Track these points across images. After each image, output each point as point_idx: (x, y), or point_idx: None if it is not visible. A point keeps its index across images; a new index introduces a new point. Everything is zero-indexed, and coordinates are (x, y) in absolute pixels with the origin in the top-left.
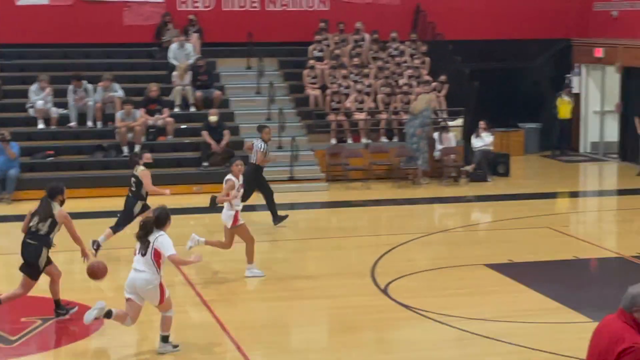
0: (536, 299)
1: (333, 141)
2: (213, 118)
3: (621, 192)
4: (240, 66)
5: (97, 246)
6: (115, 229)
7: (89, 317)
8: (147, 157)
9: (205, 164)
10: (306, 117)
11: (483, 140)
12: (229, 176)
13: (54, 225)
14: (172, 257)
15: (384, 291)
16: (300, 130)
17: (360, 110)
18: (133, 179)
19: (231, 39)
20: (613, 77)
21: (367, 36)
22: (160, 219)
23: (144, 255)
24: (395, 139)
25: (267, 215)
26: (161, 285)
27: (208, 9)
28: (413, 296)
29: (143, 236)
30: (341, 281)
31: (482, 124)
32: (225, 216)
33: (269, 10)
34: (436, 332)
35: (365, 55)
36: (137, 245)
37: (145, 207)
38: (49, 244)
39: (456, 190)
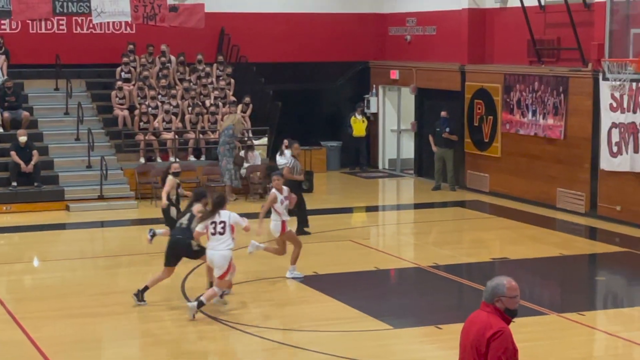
0: (340, 308)
1: (142, 160)
2: (22, 139)
3: (417, 206)
4: (48, 87)
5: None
6: None
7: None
8: (175, 167)
9: (14, 183)
10: (115, 137)
11: (286, 158)
12: (272, 190)
13: None
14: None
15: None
16: (110, 149)
17: (168, 130)
18: None
19: (39, 61)
20: (408, 98)
21: (173, 58)
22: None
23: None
24: (203, 158)
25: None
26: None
27: (15, 31)
28: (223, 309)
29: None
30: (152, 297)
31: (285, 142)
32: (273, 226)
33: (76, 32)
34: (245, 343)
35: (173, 76)
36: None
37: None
38: None
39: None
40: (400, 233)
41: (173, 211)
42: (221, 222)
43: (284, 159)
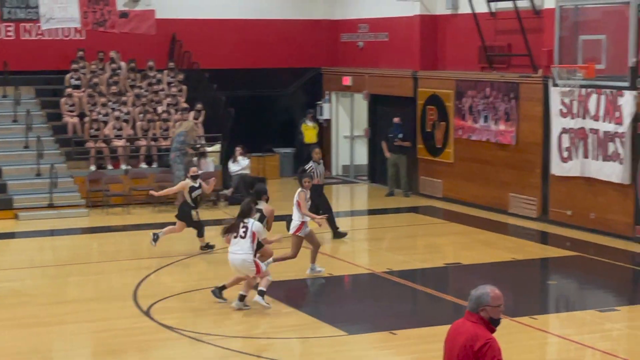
0: (294, 315)
1: (93, 168)
2: None
3: (371, 212)
4: None
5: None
6: None
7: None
8: (194, 170)
9: None
10: (65, 145)
11: (240, 165)
12: (300, 189)
13: None
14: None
15: (147, 313)
16: (59, 157)
17: (119, 137)
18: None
19: None
20: (361, 104)
21: (124, 65)
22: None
23: (243, 237)
24: (155, 165)
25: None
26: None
27: None
28: (175, 317)
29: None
30: (103, 305)
31: (238, 149)
32: (292, 224)
33: (24, 39)
34: (199, 351)
35: (123, 83)
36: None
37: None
38: None
39: (215, 214)
40: (354, 239)
41: (194, 214)
42: (244, 225)
43: (236, 166)
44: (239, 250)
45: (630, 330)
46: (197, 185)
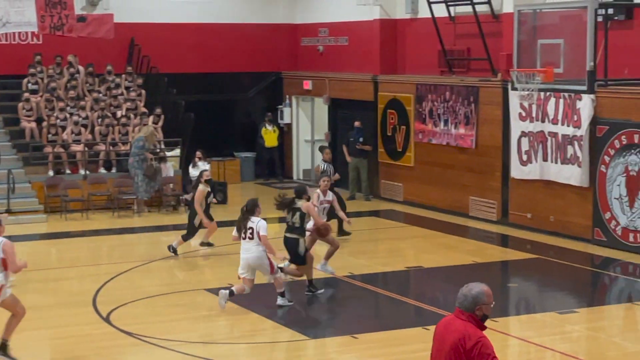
0: (255, 320)
1: (51, 173)
2: None
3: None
4: None
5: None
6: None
7: (221, 303)
8: (206, 174)
9: None
10: (22, 150)
11: (200, 170)
12: (317, 191)
13: None
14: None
15: (107, 319)
16: (17, 162)
17: (77, 142)
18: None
19: None
20: (321, 108)
21: (82, 69)
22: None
23: (251, 238)
24: (114, 170)
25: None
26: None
27: None
28: (136, 323)
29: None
30: (62, 311)
31: (198, 153)
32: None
33: None
34: (159, 357)
35: (82, 87)
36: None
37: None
38: None
39: (175, 218)
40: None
41: (197, 220)
42: (249, 227)
43: (196, 171)
44: (251, 248)
45: (589, 332)
46: (210, 189)
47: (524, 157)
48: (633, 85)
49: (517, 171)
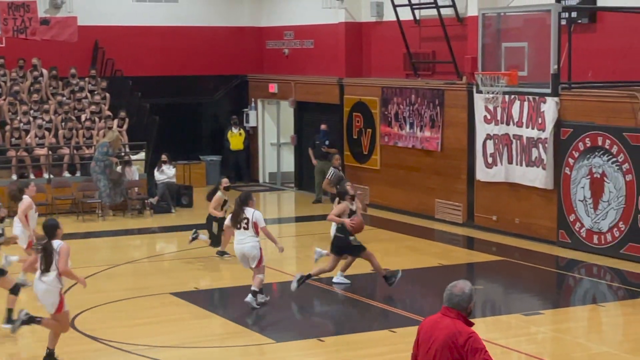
0: (222, 323)
1: (14, 177)
2: None
3: (298, 219)
4: None
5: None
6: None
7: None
8: (225, 182)
9: None
10: None
11: (165, 173)
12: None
13: None
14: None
15: (71, 324)
16: None
17: (41, 145)
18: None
19: None
20: (287, 111)
21: (45, 72)
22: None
23: (246, 229)
24: (78, 174)
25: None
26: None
27: None
28: (100, 327)
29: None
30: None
31: (164, 157)
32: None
33: None
34: None
35: (45, 91)
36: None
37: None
38: None
39: (141, 222)
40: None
41: (215, 226)
42: (245, 218)
43: (162, 174)
44: (245, 239)
45: (554, 334)
46: (226, 198)
47: (489, 160)
48: (596, 88)
49: (483, 174)
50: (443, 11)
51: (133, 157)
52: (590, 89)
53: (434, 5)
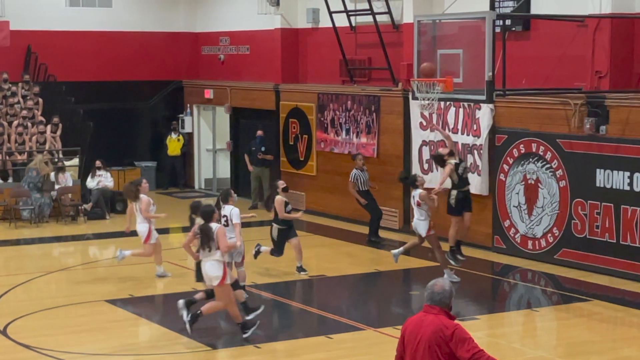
0: (158, 331)
1: None
2: None
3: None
4: None
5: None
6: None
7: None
8: (281, 183)
9: None
10: None
11: (100, 179)
12: (419, 190)
13: None
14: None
15: (3, 332)
16: None
17: None
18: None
19: None
20: (223, 117)
21: None
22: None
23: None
24: (10, 180)
25: None
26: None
27: None
28: (34, 335)
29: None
30: None
31: (98, 162)
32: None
33: None
34: None
35: None
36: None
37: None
38: None
39: (75, 229)
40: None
41: (275, 230)
42: (224, 215)
43: (96, 180)
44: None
45: (490, 339)
46: (287, 200)
47: (425, 166)
48: (530, 95)
49: None
50: (379, 18)
51: (67, 163)
52: (524, 95)
53: (369, 12)
